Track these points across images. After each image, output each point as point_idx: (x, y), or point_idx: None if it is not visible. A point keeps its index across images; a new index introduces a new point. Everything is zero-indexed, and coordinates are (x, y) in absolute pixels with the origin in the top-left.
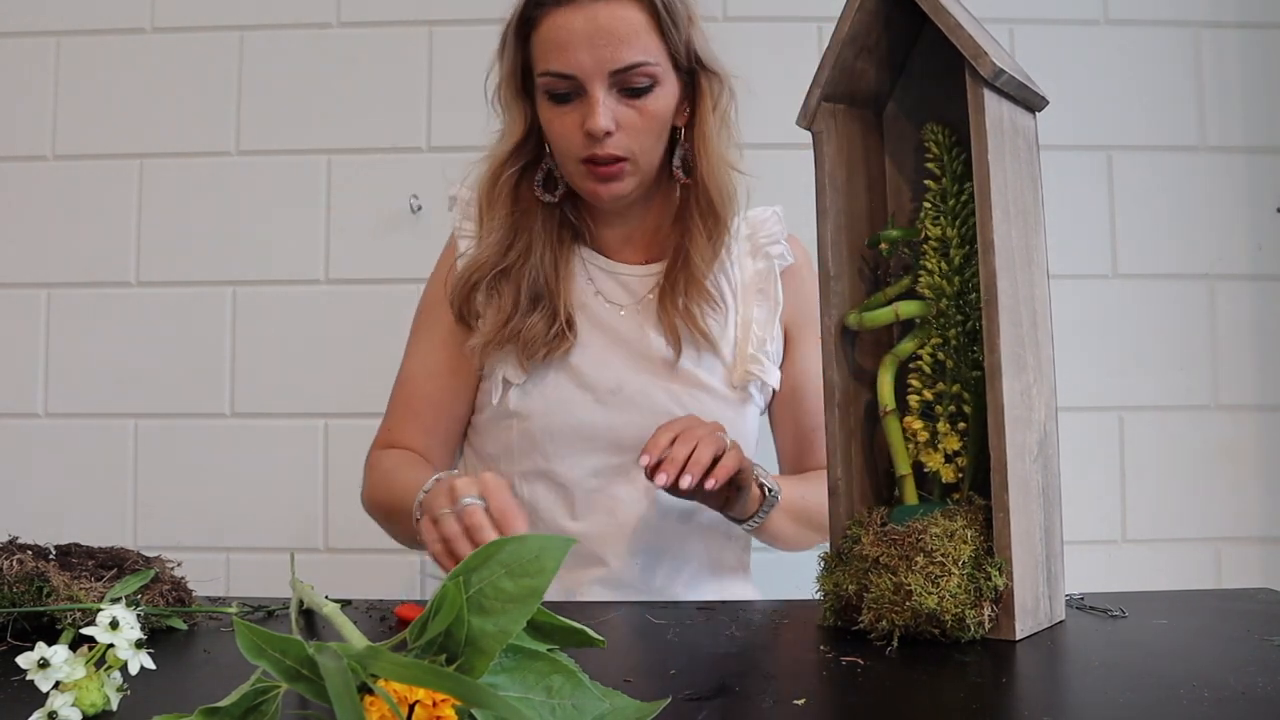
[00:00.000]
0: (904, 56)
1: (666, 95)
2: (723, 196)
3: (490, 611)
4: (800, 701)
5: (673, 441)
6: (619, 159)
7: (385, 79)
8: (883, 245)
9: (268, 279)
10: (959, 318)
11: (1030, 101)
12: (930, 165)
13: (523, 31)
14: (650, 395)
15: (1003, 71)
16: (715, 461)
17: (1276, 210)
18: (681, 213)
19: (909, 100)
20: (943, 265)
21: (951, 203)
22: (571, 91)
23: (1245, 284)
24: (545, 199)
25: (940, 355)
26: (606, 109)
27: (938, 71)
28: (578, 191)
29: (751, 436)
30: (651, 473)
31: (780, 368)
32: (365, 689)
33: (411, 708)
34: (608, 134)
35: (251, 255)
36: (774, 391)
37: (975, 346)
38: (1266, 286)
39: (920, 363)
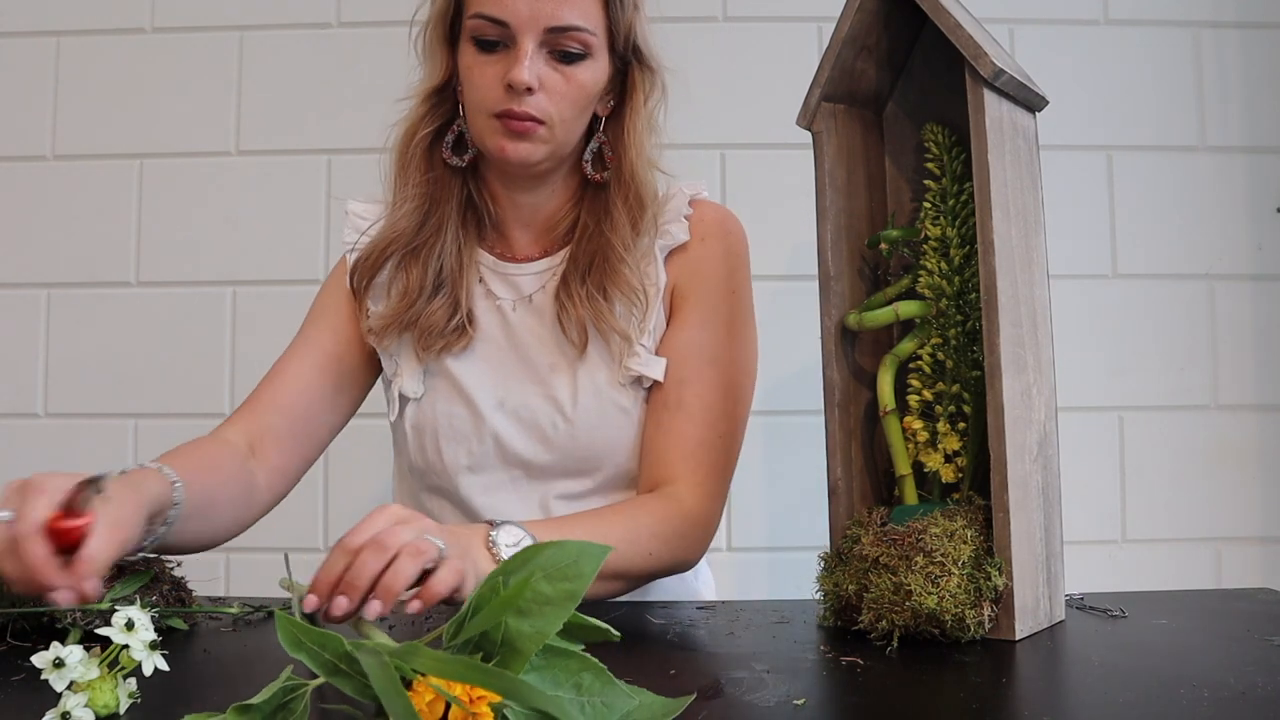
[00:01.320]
0: (904, 56)
1: (596, 71)
2: (646, 186)
3: (527, 613)
4: (800, 702)
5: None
6: (535, 120)
7: (385, 79)
8: (883, 245)
9: (268, 279)
10: (959, 318)
11: (1030, 101)
12: (930, 165)
13: None
14: (532, 408)
15: (1003, 71)
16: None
17: (1276, 210)
18: (596, 203)
19: (909, 100)
20: (943, 265)
21: (951, 203)
22: (500, 40)
23: (1245, 284)
24: (453, 162)
25: (940, 355)
26: (534, 65)
27: (938, 71)
28: (484, 150)
29: None
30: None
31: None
32: (405, 683)
33: (447, 707)
34: (529, 90)
35: (251, 255)
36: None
37: (975, 346)
38: (1266, 286)
39: (920, 363)
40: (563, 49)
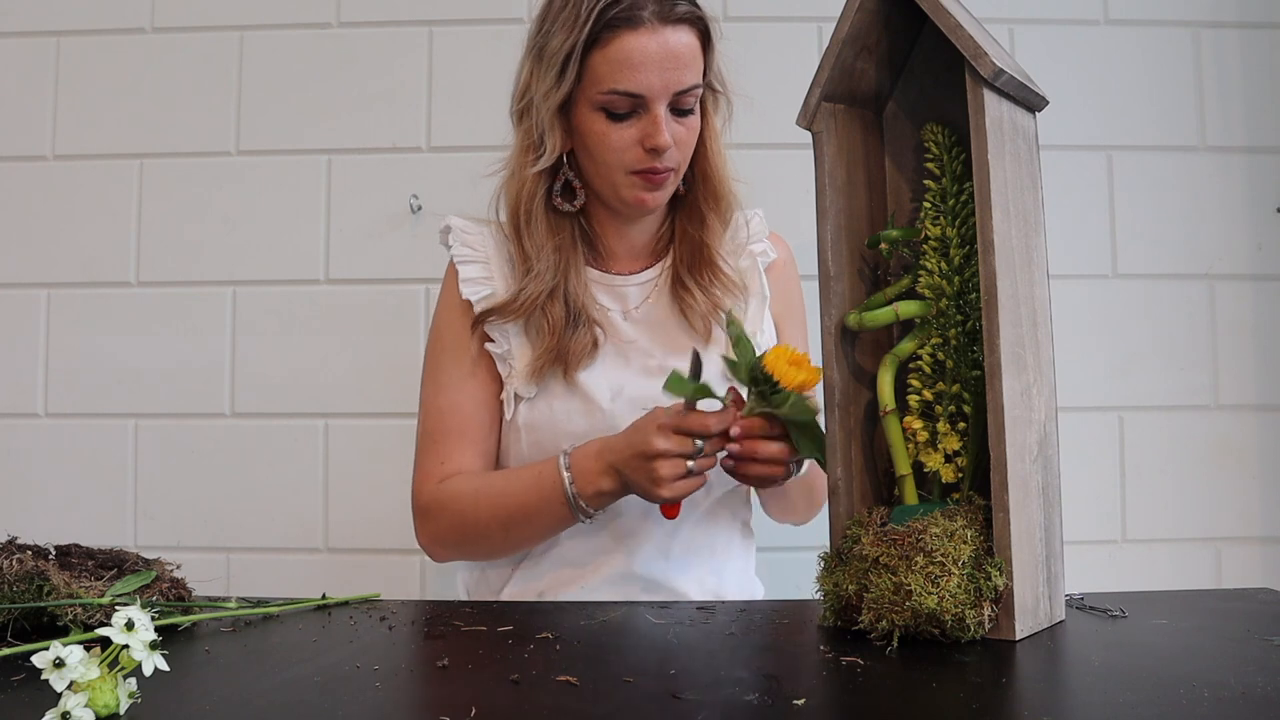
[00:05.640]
0: (904, 56)
1: (699, 113)
2: (731, 193)
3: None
4: (800, 701)
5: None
6: (670, 169)
7: (385, 79)
8: (883, 245)
9: (268, 279)
10: (959, 318)
11: (1030, 101)
12: (930, 165)
13: (586, 52)
14: (648, 395)
15: (1003, 71)
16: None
17: (1276, 210)
18: (688, 213)
19: (909, 100)
20: (943, 265)
21: (951, 203)
22: (633, 109)
23: (1245, 284)
24: (565, 208)
25: (940, 355)
26: (669, 127)
27: (938, 71)
28: (617, 201)
29: None
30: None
31: None
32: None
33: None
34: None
35: (251, 255)
36: None
37: (975, 346)
38: (1266, 286)
39: (920, 363)
40: (681, 107)
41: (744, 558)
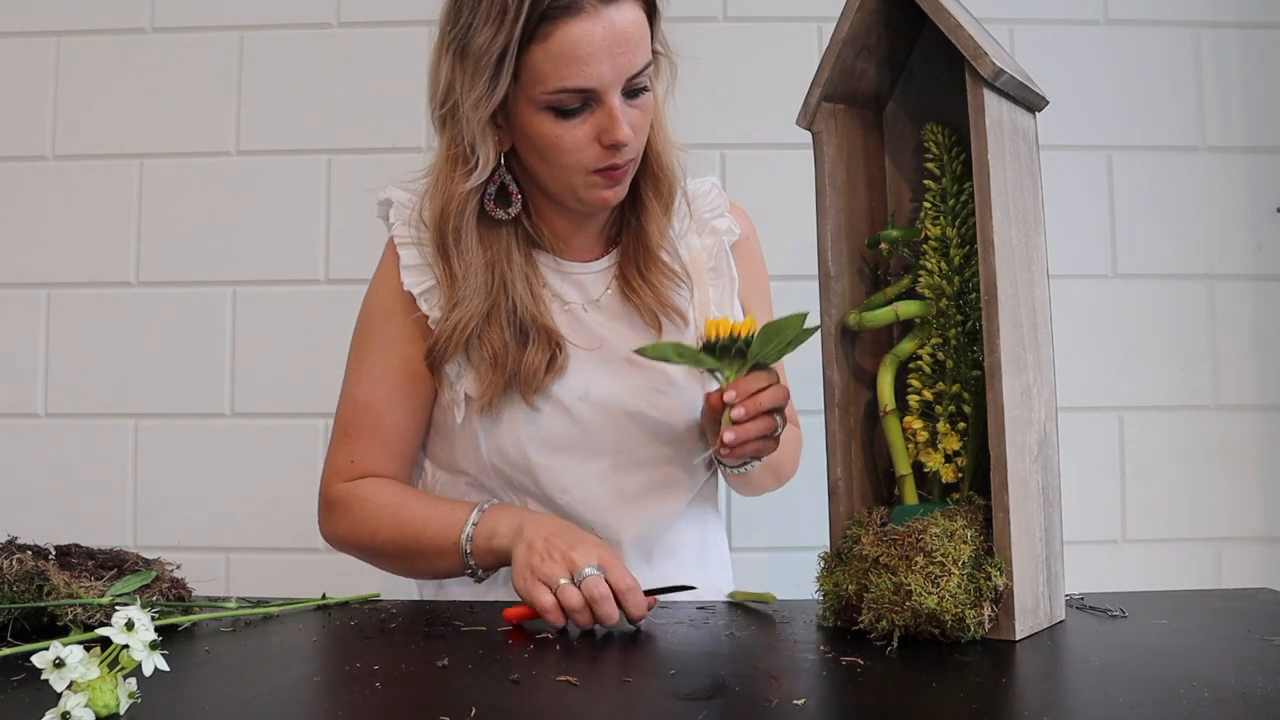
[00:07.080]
0: (904, 56)
1: (650, 89)
2: (673, 171)
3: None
4: (800, 701)
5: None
6: (631, 161)
7: (385, 79)
8: (883, 245)
9: (268, 279)
10: (959, 318)
11: (1030, 101)
12: (930, 165)
13: (522, 48)
14: (617, 395)
15: (1003, 71)
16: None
17: (1276, 210)
18: (632, 197)
19: (909, 100)
20: (943, 265)
21: (951, 203)
22: (584, 103)
23: (1245, 284)
24: (500, 215)
25: (940, 355)
26: (625, 116)
27: (938, 71)
28: (574, 202)
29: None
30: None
31: None
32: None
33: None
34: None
35: (251, 255)
36: None
37: (975, 346)
38: (1266, 286)
39: (920, 363)
40: (634, 88)
41: (721, 560)
